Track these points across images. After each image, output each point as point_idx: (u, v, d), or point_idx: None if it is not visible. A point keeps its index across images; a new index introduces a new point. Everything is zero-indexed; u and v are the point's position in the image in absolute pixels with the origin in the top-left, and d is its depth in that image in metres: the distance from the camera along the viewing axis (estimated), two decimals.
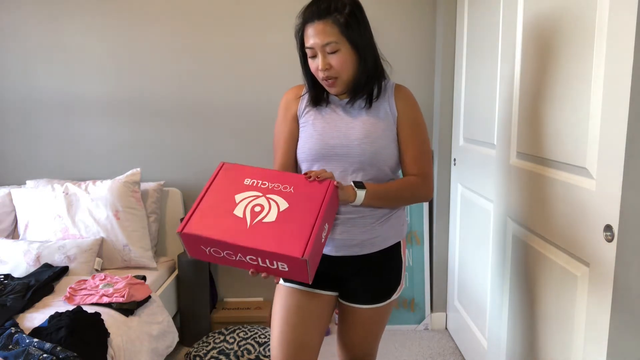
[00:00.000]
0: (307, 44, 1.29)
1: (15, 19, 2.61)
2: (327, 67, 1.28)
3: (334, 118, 1.36)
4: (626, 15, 1.07)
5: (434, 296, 2.74)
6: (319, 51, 1.27)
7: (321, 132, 1.35)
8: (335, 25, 1.25)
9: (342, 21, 1.25)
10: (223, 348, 2.29)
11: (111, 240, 2.38)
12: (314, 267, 1.15)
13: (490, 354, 1.91)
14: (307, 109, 1.41)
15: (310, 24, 1.27)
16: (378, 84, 1.37)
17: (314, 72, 1.33)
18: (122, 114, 2.69)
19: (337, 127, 1.35)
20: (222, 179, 1.24)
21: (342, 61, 1.27)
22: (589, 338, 1.24)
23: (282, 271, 1.13)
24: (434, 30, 2.63)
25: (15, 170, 2.75)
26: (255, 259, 1.13)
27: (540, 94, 1.48)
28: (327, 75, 1.29)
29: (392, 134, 1.36)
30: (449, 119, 2.57)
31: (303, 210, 1.15)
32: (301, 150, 1.38)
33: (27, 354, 1.47)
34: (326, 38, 1.25)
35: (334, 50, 1.26)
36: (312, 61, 1.32)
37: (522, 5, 1.60)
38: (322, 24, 1.25)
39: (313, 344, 1.39)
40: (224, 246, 1.12)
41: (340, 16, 1.25)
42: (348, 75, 1.31)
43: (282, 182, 1.21)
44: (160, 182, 2.64)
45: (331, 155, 1.33)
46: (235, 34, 2.62)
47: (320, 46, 1.26)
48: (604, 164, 1.17)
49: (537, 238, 1.52)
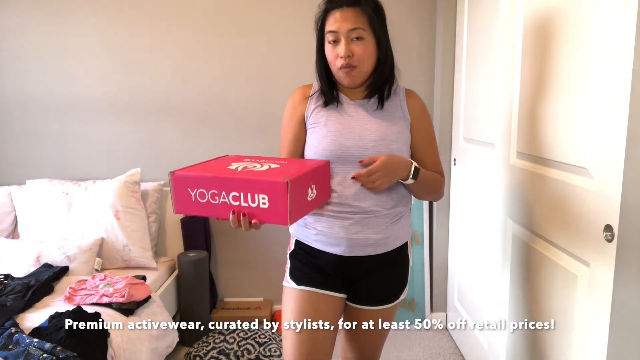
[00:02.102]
0: (331, 28, 1.27)
1: (15, 19, 2.61)
2: (349, 53, 1.25)
3: (347, 119, 1.34)
4: (626, 15, 1.07)
5: (434, 296, 2.74)
6: (343, 37, 1.25)
7: (335, 132, 1.32)
8: (365, 14, 1.25)
9: (370, 12, 1.26)
10: (223, 348, 2.29)
11: (111, 240, 2.38)
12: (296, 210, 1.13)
13: (490, 354, 1.91)
14: (317, 109, 1.37)
15: (338, 10, 1.26)
16: (389, 86, 1.36)
17: (331, 61, 1.30)
18: (123, 114, 2.69)
19: (352, 128, 1.32)
20: (222, 159, 1.32)
21: (364, 50, 1.26)
22: (589, 338, 1.24)
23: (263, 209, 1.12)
24: (434, 30, 2.63)
25: (15, 170, 2.75)
26: (238, 195, 1.13)
27: (540, 94, 1.48)
28: (347, 62, 1.26)
29: (405, 138, 1.35)
30: (449, 119, 2.57)
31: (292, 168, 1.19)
32: (314, 150, 1.34)
33: (27, 354, 1.47)
34: (355, 23, 1.24)
35: (359, 36, 1.25)
36: (331, 47, 1.28)
37: (522, 5, 1.60)
38: (351, 11, 1.25)
39: (327, 349, 1.38)
40: (210, 183, 1.15)
41: (369, 8, 1.26)
42: (367, 68, 1.30)
43: (280, 160, 1.29)
44: (160, 182, 2.64)
45: (346, 157, 1.31)
46: (236, 33, 2.62)
47: (346, 31, 1.24)
48: (604, 164, 1.17)
49: (537, 238, 1.52)
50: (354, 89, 1.37)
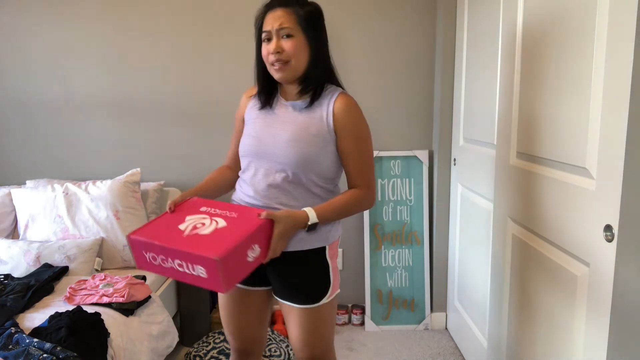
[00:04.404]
0: (264, 28, 1.35)
1: (16, 20, 2.61)
2: (278, 49, 1.32)
3: (273, 119, 1.42)
4: (626, 15, 1.07)
5: (434, 296, 2.74)
6: (274, 35, 1.33)
7: (258, 131, 1.41)
8: (294, 14, 1.32)
9: (300, 13, 1.33)
10: (223, 348, 2.29)
11: (111, 240, 2.38)
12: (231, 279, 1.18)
13: (490, 354, 1.91)
14: (253, 109, 1.47)
15: (271, 11, 1.34)
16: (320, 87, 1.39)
17: (265, 58, 1.37)
18: (122, 114, 2.69)
19: (272, 128, 1.40)
20: (185, 206, 1.36)
21: (293, 46, 1.32)
22: (589, 338, 1.24)
23: (202, 278, 1.18)
24: (434, 30, 2.63)
25: (15, 170, 2.75)
26: (181, 264, 1.19)
27: (540, 94, 1.48)
28: (277, 57, 1.32)
29: (323, 142, 1.36)
30: (449, 119, 2.57)
31: (236, 229, 1.22)
32: (240, 146, 1.46)
33: (27, 354, 1.47)
34: (283, 23, 1.31)
35: (288, 34, 1.32)
36: (265, 45, 1.36)
37: (522, 5, 1.60)
38: (281, 10, 1.33)
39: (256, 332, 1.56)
40: (158, 250, 1.21)
41: (300, 9, 1.33)
42: (298, 63, 1.34)
43: (232, 210, 1.31)
44: (160, 182, 2.64)
45: (261, 154, 1.39)
46: (235, 34, 2.62)
47: (276, 30, 1.32)
48: (604, 164, 1.17)
49: (537, 238, 1.52)
50: (289, 90, 1.42)
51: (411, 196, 2.71)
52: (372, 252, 2.72)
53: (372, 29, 2.63)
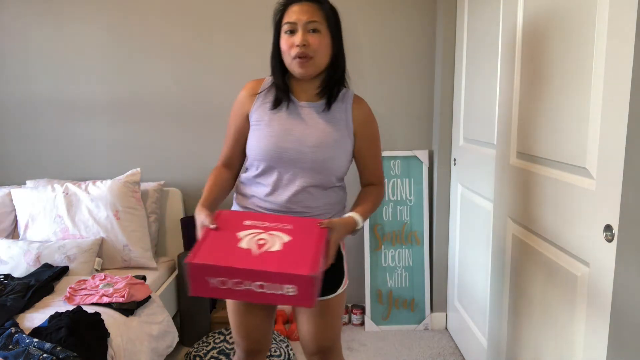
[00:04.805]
0: (288, 19, 1.30)
1: (16, 20, 2.61)
2: (305, 42, 1.28)
3: (291, 121, 1.36)
4: (626, 15, 1.07)
5: (434, 296, 2.74)
6: (300, 27, 1.28)
7: (276, 134, 1.34)
8: (322, 10, 1.30)
9: (327, 10, 1.31)
10: (223, 348, 2.29)
11: (111, 240, 2.38)
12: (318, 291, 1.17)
13: (490, 354, 1.91)
14: (263, 107, 1.39)
15: (297, 3, 1.30)
16: (339, 89, 1.39)
17: (286, 50, 1.31)
18: (122, 114, 2.69)
19: (293, 131, 1.34)
20: (221, 223, 1.26)
21: (320, 42, 1.30)
22: (589, 338, 1.24)
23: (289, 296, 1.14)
24: (434, 30, 2.63)
25: (15, 170, 2.75)
26: (262, 285, 1.13)
27: (540, 94, 1.48)
28: (302, 51, 1.28)
29: (344, 145, 1.37)
30: (449, 119, 2.57)
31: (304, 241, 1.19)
32: (253, 149, 1.37)
33: (27, 354, 1.47)
34: (312, 16, 1.28)
35: (315, 29, 1.29)
36: (287, 37, 1.30)
37: (522, 5, 1.60)
38: (309, 5, 1.29)
39: (265, 332, 1.54)
40: (233, 273, 1.12)
41: (326, 6, 1.32)
42: (321, 60, 1.32)
43: (280, 221, 1.27)
44: (160, 182, 2.64)
45: (282, 158, 1.34)
46: (235, 33, 2.62)
47: (304, 22, 1.28)
48: (604, 164, 1.17)
49: (537, 238, 1.52)
50: (306, 89, 1.38)
51: (411, 196, 2.71)
52: (372, 252, 2.72)
53: (372, 29, 2.63)
